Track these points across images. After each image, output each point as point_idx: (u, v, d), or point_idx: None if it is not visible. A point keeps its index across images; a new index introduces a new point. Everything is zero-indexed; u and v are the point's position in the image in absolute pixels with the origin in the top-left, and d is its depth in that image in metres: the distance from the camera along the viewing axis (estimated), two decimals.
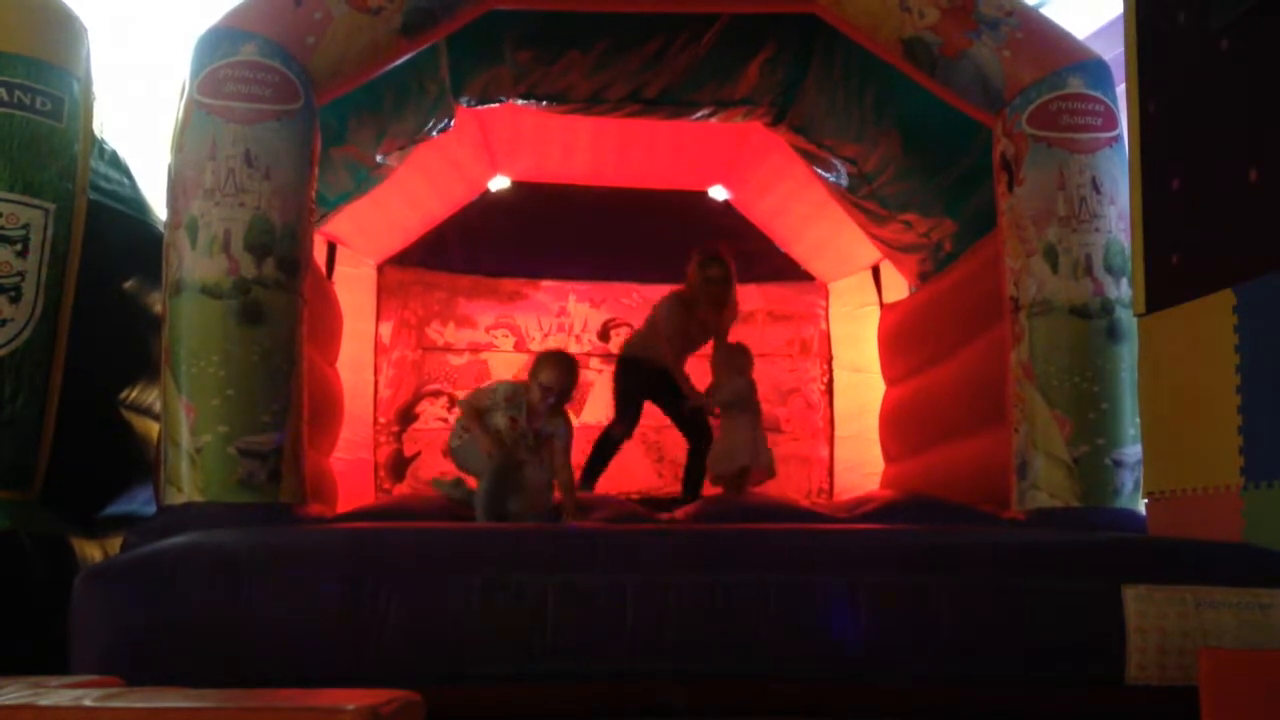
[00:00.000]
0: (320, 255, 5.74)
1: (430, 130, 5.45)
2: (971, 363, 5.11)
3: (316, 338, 4.65)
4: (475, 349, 6.94)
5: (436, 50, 4.95)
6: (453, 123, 5.57)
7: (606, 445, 5.46)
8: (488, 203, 6.95)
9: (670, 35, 5.20)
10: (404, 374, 6.75)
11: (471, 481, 4.62)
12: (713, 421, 5.44)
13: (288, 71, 4.02)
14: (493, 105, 5.58)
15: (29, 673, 2.36)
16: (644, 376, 5.47)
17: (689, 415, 5.49)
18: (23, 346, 3.87)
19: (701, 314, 5.52)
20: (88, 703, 1.88)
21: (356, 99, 4.73)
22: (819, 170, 5.92)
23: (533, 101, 5.53)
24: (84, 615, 2.82)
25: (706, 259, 5.54)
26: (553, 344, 6.98)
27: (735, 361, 5.50)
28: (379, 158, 5.32)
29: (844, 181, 5.78)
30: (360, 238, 6.30)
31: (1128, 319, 4.03)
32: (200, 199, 3.88)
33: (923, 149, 5.24)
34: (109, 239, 4.31)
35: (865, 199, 5.76)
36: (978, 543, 3.16)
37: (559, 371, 4.41)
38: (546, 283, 7.06)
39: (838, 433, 7.06)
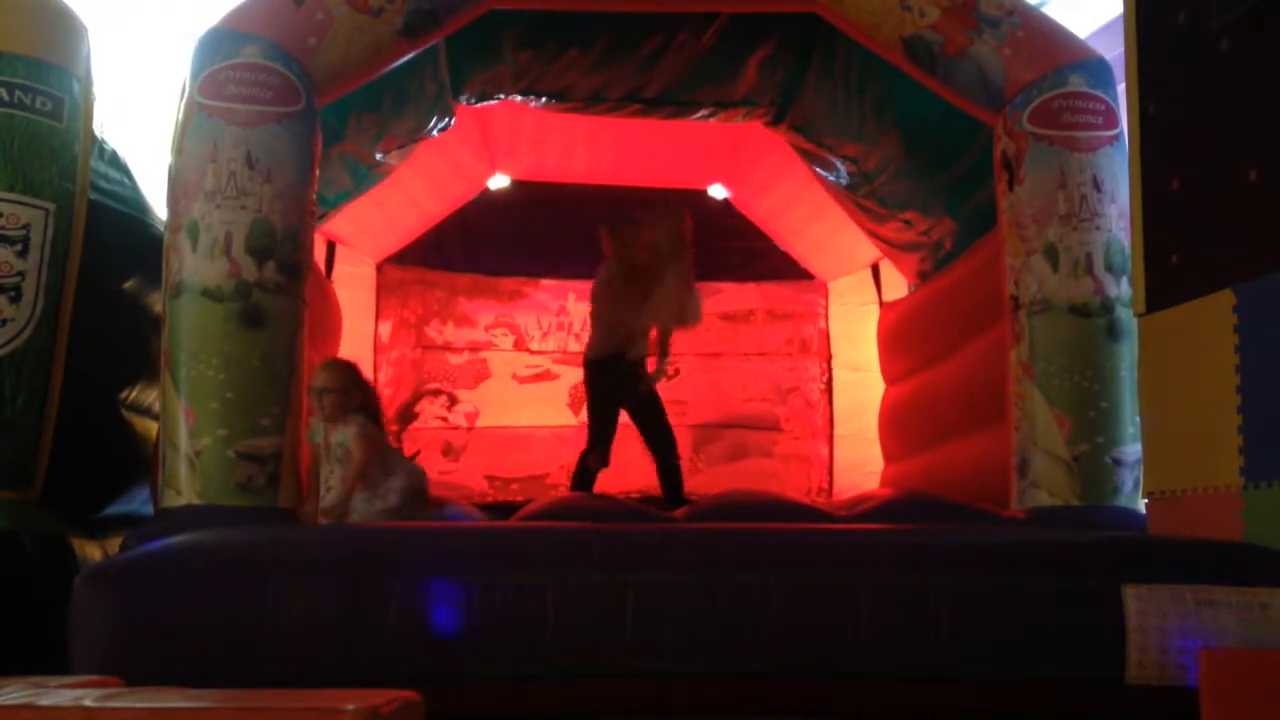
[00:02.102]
0: (320, 254, 5.74)
1: (431, 129, 5.45)
2: (971, 362, 5.11)
3: (316, 337, 4.65)
4: (475, 348, 6.94)
5: (436, 49, 4.94)
6: (453, 121, 5.57)
7: (584, 476, 5.14)
8: (487, 201, 6.95)
9: (670, 35, 5.19)
10: (403, 373, 6.75)
11: None
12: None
13: (289, 73, 4.01)
14: (492, 103, 5.57)
15: (29, 673, 2.37)
16: (612, 377, 5.13)
17: (651, 417, 5.19)
18: (23, 346, 3.87)
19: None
20: (88, 703, 1.88)
21: (356, 98, 4.72)
22: (818, 169, 5.92)
23: (532, 99, 5.53)
24: (84, 615, 2.82)
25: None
26: (552, 343, 6.98)
27: None
28: (378, 156, 5.32)
29: (844, 180, 5.78)
30: (360, 236, 6.30)
31: (1128, 318, 4.03)
32: (201, 201, 3.87)
33: (923, 148, 5.24)
34: (109, 239, 4.31)
35: (865, 198, 5.75)
36: (978, 542, 3.16)
37: (328, 372, 4.22)
38: (546, 281, 7.07)
39: (837, 431, 7.07)
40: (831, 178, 5.87)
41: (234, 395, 3.77)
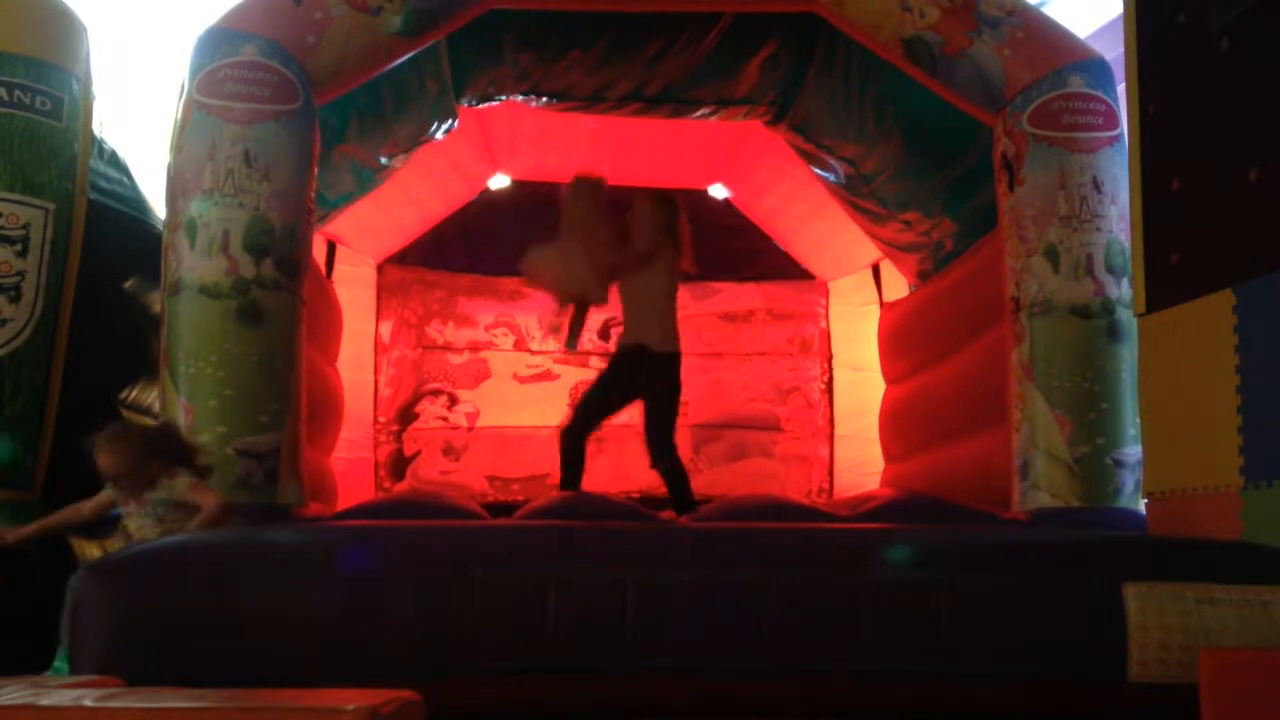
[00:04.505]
0: (320, 254, 5.74)
1: (434, 132, 5.45)
2: (971, 362, 5.11)
3: (316, 337, 4.65)
4: (475, 348, 6.94)
5: (437, 50, 4.95)
6: (456, 123, 5.57)
7: (571, 456, 4.65)
8: (487, 201, 6.94)
9: (672, 35, 5.20)
10: (404, 373, 6.75)
11: None
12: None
13: (287, 71, 4.01)
14: (493, 103, 5.58)
15: (29, 673, 2.37)
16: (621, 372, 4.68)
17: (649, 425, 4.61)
18: (23, 346, 3.87)
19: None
20: (88, 703, 1.88)
21: (358, 100, 4.73)
22: (817, 170, 5.92)
23: (534, 99, 5.53)
24: (84, 614, 2.82)
25: None
26: (553, 343, 6.96)
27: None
28: (383, 159, 5.32)
29: (842, 181, 5.78)
30: (360, 237, 6.30)
31: (1128, 319, 4.03)
32: (199, 199, 3.88)
33: (923, 148, 5.24)
34: (109, 239, 4.31)
35: (864, 198, 5.75)
36: (978, 542, 3.16)
37: (108, 456, 3.42)
38: None
39: (838, 432, 7.06)
40: (831, 178, 5.87)
41: (232, 392, 3.78)
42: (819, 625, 2.81)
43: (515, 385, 6.95)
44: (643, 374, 4.56)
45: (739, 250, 7.10)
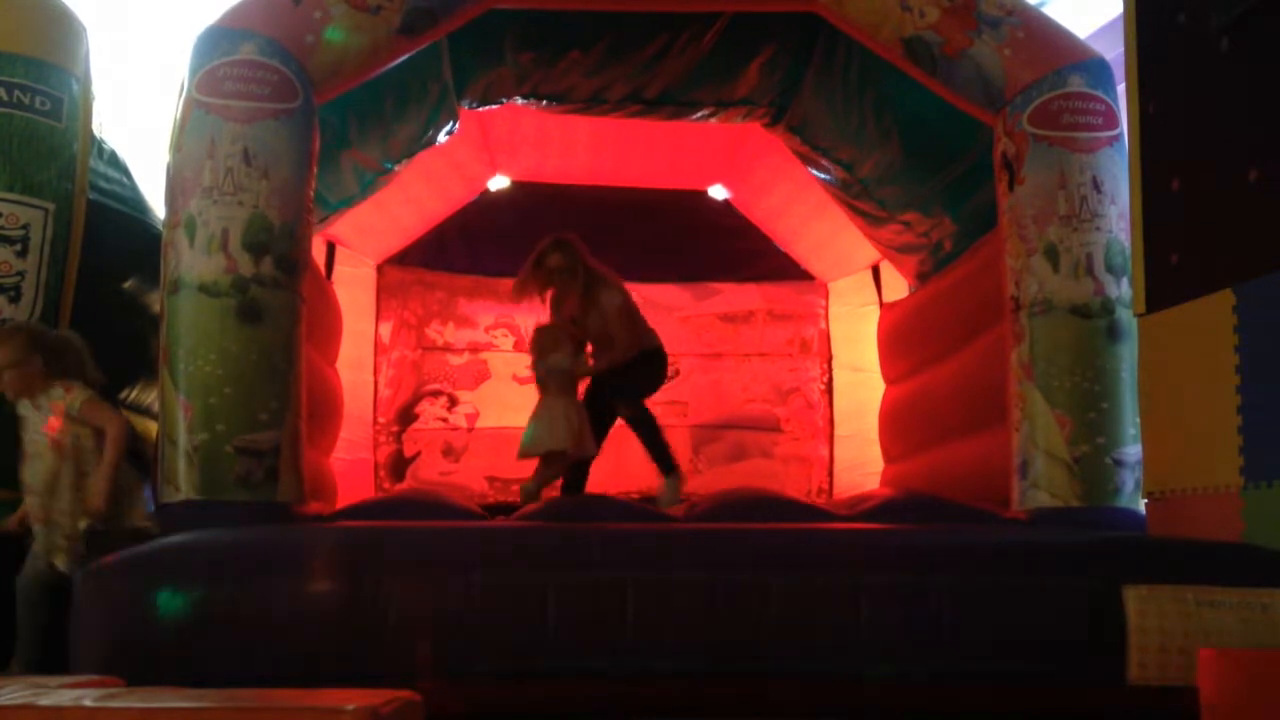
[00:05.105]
0: (319, 255, 5.74)
1: (436, 134, 5.45)
2: (971, 362, 5.11)
3: (316, 337, 4.64)
4: (475, 349, 6.94)
5: (438, 51, 4.95)
6: (458, 125, 5.57)
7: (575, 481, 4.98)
8: (487, 202, 6.94)
9: (671, 35, 5.20)
10: (404, 374, 6.75)
11: None
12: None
13: (287, 70, 4.01)
14: (494, 106, 5.58)
15: (29, 672, 2.37)
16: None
17: (612, 403, 4.95)
18: None
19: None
20: (88, 703, 1.88)
21: (360, 102, 4.72)
22: (814, 171, 5.93)
23: (534, 101, 5.54)
24: (85, 614, 2.82)
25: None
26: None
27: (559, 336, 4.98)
28: (386, 163, 5.32)
29: (837, 184, 5.79)
30: (360, 237, 6.30)
31: (1128, 318, 4.03)
32: (199, 197, 3.87)
33: (922, 149, 5.24)
34: (108, 239, 4.31)
35: (861, 200, 5.76)
36: (978, 543, 3.16)
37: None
38: None
39: (837, 432, 7.06)
40: (828, 179, 5.88)
41: (232, 390, 3.77)
42: (819, 625, 2.82)
43: (515, 386, 6.94)
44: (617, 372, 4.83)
45: (739, 251, 7.11)
